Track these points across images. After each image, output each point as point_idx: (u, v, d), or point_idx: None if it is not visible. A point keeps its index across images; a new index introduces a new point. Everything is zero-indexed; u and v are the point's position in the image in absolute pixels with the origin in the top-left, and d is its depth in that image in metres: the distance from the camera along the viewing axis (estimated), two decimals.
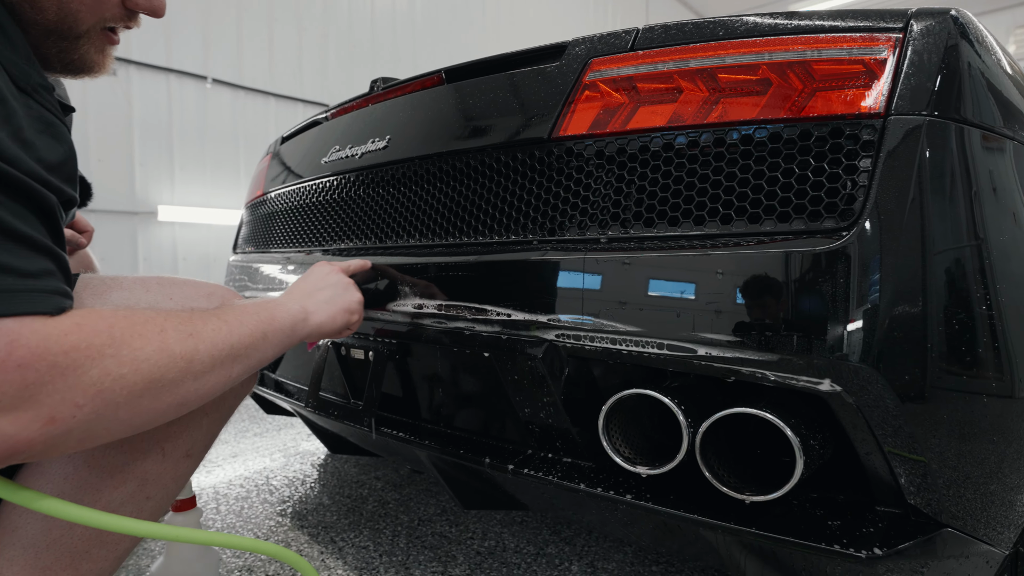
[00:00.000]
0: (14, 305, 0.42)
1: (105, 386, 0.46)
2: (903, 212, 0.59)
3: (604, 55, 0.79)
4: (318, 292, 0.78)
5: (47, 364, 0.42)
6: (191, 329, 0.55)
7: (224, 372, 0.58)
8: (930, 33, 0.63)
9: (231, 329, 0.59)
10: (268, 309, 0.67)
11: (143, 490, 0.68)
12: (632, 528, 0.83)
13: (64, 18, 0.59)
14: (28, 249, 0.45)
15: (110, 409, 0.47)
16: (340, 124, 1.24)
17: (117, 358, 0.47)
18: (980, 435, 0.63)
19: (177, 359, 0.52)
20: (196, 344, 0.54)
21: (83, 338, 0.45)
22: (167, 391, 0.51)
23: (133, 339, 0.48)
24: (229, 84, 4.28)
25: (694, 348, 0.64)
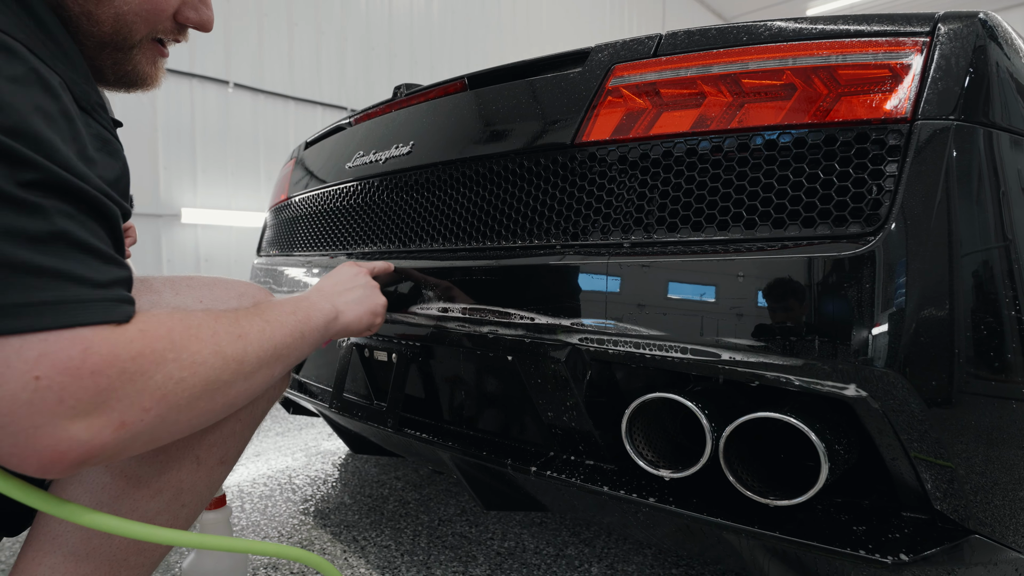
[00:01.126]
0: (89, 315, 0.44)
1: (169, 390, 0.47)
2: (930, 216, 0.59)
3: (627, 61, 0.79)
4: (347, 292, 0.79)
5: (117, 370, 0.44)
6: (240, 330, 0.56)
7: (269, 371, 0.59)
8: (958, 36, 0.63)
9: (274, 330, 0.61)
10: (303, 308, 0.68)
11: (179, 498, 0.69)
12: (653, 531, 0.83)
13: (119, 30, 0.61)
14: (99, 260, 0.47)
15: (173, 412, 0.48)
16: (364, 130, 1.26)
17: (178, 362, 0.48)
18: (1009, 441, 0.62)
19: (230, 361, 0.53)
20: (246, 346, 0.56)
21: (147, 344, 0.46)
22: (221, 392, 0.53)
23: (190, 343, 0.50)
24: (250, 88, 4.35)
25: (718, 352, 0.64)
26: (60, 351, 0.41)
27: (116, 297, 0.47)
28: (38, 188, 0.43)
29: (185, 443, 0.69)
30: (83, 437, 0.43)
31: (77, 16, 0.59)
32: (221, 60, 4.16)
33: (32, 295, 0.41)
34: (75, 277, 0.44)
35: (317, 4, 4.76)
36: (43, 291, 0.42)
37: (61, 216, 0.44)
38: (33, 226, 0.42)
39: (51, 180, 0.44)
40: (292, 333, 0.63)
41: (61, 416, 0.41)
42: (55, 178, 0.44)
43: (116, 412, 0.44)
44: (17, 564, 0.64)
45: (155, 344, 0.47)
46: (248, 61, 4.32)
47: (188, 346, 0.50)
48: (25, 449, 0.42)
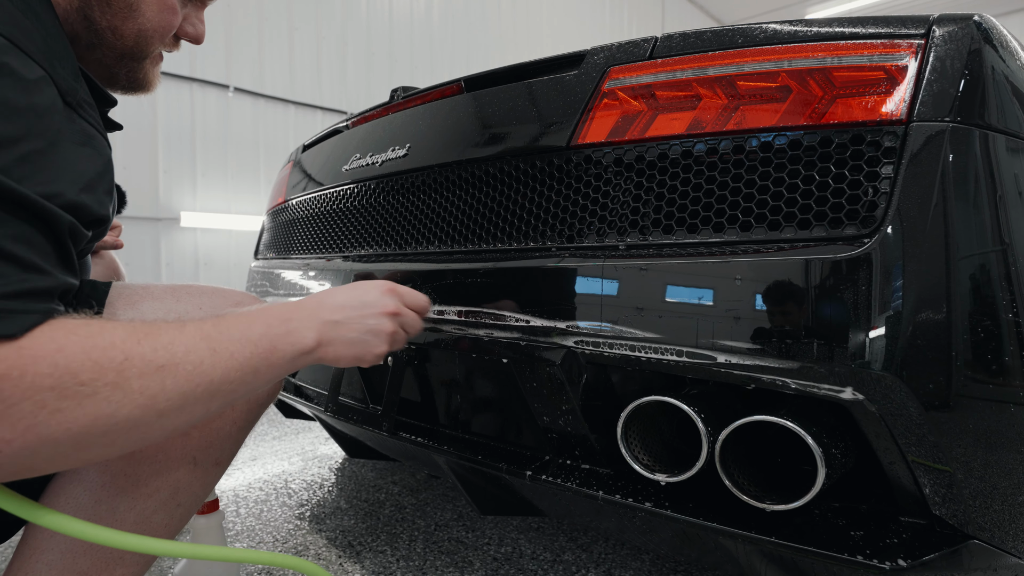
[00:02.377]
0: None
1: (39, 420, 0.41)
2: (926, 218, 0.58)
3: (623, 63, 0.79)
4: (346, 328, 0.67)
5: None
6: (164, 360, 0.49)
7: (199, 408, 0.52)
8: (953, 39, 0.63)
9: (216, 362, 0.52)
10: (271, 337, 0.58)
11: (175, 498, 0.69)
12: (650, 536, 0.82)
13: (139, 43, 0.67)
14: (13, 267, 0.44)
15: (47, 445, 0.42)
16: (361, 132, 1.25)
17: (56, 390, 0.42)
18: (1007, 445, 0.62)
19: (135, 395, 0.46)
20: (163, 380, 0.48)
21: (18, 365, 0.41)
22: (118, 430, 0.46)
23: (83, 370, 0.43)
24: (250, 92, 4.35)
25: (713, 355, 0.64)
26: None
27: (9, 308, 0.42)
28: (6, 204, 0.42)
29: (182, 445, 0.69)
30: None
31: (103, 29, 0.63)
32: (222, 64, 4.17)
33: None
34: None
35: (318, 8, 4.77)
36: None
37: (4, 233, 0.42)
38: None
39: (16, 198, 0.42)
40: (242, 367, 0.54)
41: None
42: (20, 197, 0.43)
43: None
44: (13, 562, 0.64)
45: (30, 367, 0.41)
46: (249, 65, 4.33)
47: (77, 373, 0.43)
48: None
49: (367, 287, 0.72)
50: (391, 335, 0.71)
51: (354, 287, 0.71)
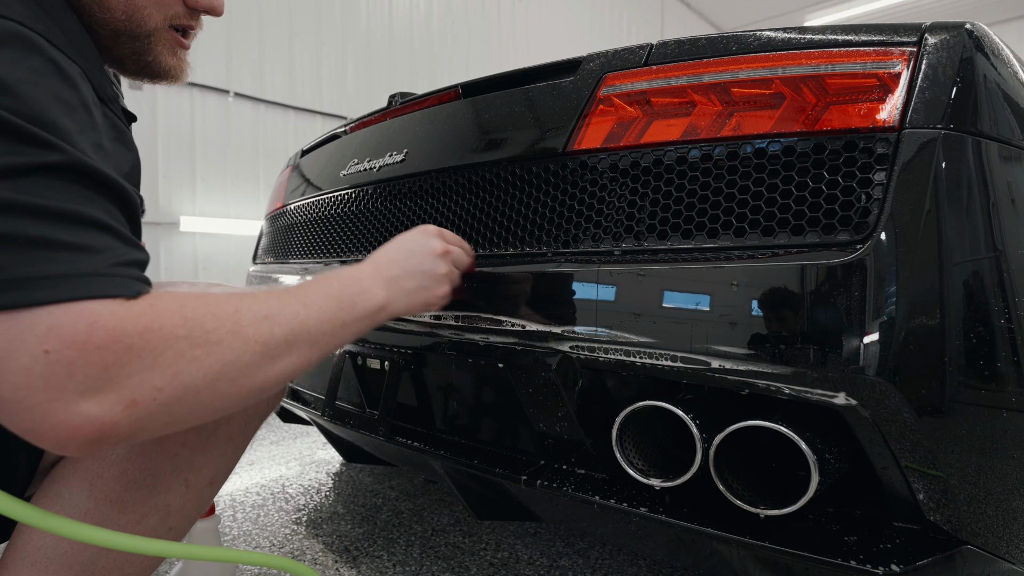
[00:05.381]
0: (97, 288, 0.43)
1: (180, 368, 0.45)
2: (918, 225, 0.59)
3: (618, 70, 0.80)
4: (407, 278, 0.70)
5: (124, 346, 0.42)
6: (267, 311, 0.52)
7: (301, 356, 0.55)
8: (945, 47, 0.63)
9: (309, 314, 0.56)
10: (350, 295, 0.63)
11: (165, 521, 0.67)
12: (646, 541, 0.82)
13: (132, 16, 0.62)
14: (115, 239, 0.46)
15: (190, 393, 0.46)
16: (359, 138, 1.26)
17: (191, 340, 0.46)
18: (1001, 450, 0.62)
19: (251, 342, 0.50)
20: (271, 328, 0.52)
21: (156, 319, 0.44)
22: (245, 375, 0.50)
23: (206, 320, 0.47)
24: (250, 98, 4.37)
25: (708, 360, 0.64)
26: (67, 325, 0.40)
27: (129, 275, 0.45)
28: (60, 170, 0.44)
29: (174, 466, 0.67)
30: (94, 414, 0.41)
31: (88, 4, 0.59)
32: (222, 69, 4.19)
33: (46, 268, 0.41)
34: (89, 252, 0.43)
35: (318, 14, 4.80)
36: (57, 264, 0.41)
37: (81, 197, 0.45)
38: (54, 205, 0.42)
39: (72, 163, 0.44)
40: (331, 320, 0.59)
41: (72, 392, 0.41)
42: (76, 162, 0.45)
43: (126, 390, 0.42)
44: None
45: (165, 320, 0.45)
46: (249, 70, 4.34)
47: (203, 323, 0.47)
48: (41, 425, 0.41)
49: (409, 236, 0.74)
50: (447, 275, 0.74)
51: (397, 240, 0.74)
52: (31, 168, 0.42)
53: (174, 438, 0.67)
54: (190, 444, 0.68)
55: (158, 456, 0.66)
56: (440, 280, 0.73)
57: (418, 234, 0.75)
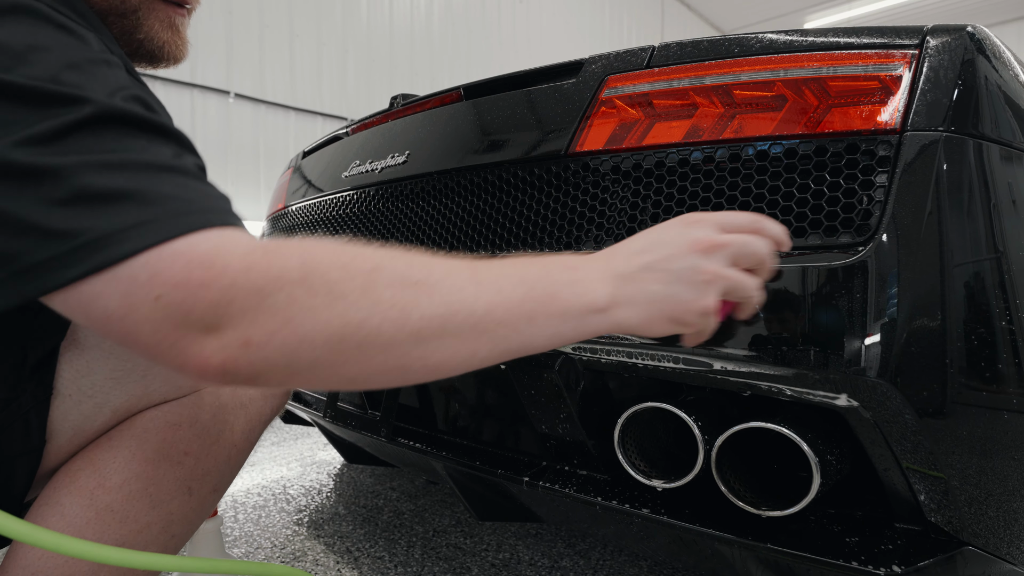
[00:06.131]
0: (183, 225, 0.40)
1: (294, 315, 0.40)
2: (920, 227, 0.59)
3: (620, 72, 0.80)
4: (647, 280, 0.50)
5: (227, 283, 0.40)
6: (419, 276, 0.43)
7: (462, 345, 0.44)
8: (946, 49, 0.64)
9: (480, 293, 0.45)
10: (551, 283, 0.48)
11: (168, 530, 0.65)
12: (648, 542, 0.83)
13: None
14: (184, 178, 0.45)
15: (307, 346, 0.41)
16: (360, 139, 1.26)
17: (306, 285, 0.40)
18: (1002, 452, 0.62)
19: (386, 307, 0.42)
20: (418, 295, 0.43)
21: (263, 259, 0.41)
22: (374, 345, 0.42)
23: (330, 270, 0.41)
24: (251, 99, 4.38)
25: (710, 362, 0.64)
26: (166, 268, 0.39)
27: (208, 208, 0.43)
28: (100, 121, 0.43)
29: (177, 474, 0.65)
30: (216, 350, 0.40)
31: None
32: (223, 71, 4.19)
33: (126, 219, 0.40)
34: (163, 196, 0.42)
35: (319, 15, 4.80)
36: (135, 212, 0.40)
37: (131, 142, 0.44)
38: (108, 156, 0.42)
39: (109, 112, 0.43)
40: (512, 308, 0.45)
41: (194, 329, 0.40)
42: (112, 109, 0.43)
43: (239, 328, 0.40)
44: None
45: (275, 261, 0.41)
46: (250, 71, 4.35)
47: (325, 273, 0.41)
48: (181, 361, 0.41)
49: (663, 225, 0.55)
50: (714, 278, 0.50)
51: (652, 228, 0.55)
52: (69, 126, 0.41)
53: (178, 446, 0.66)
54: (194, 452, 0.67)
55: (161, 465, 0.64)
56: (700, 288, 0.50)
57: (676, 222, 0.54)
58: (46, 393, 0.59)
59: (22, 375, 0.57)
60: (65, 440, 0.62)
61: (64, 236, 0.39)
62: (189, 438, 0.66)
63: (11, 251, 0.40)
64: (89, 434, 0.63)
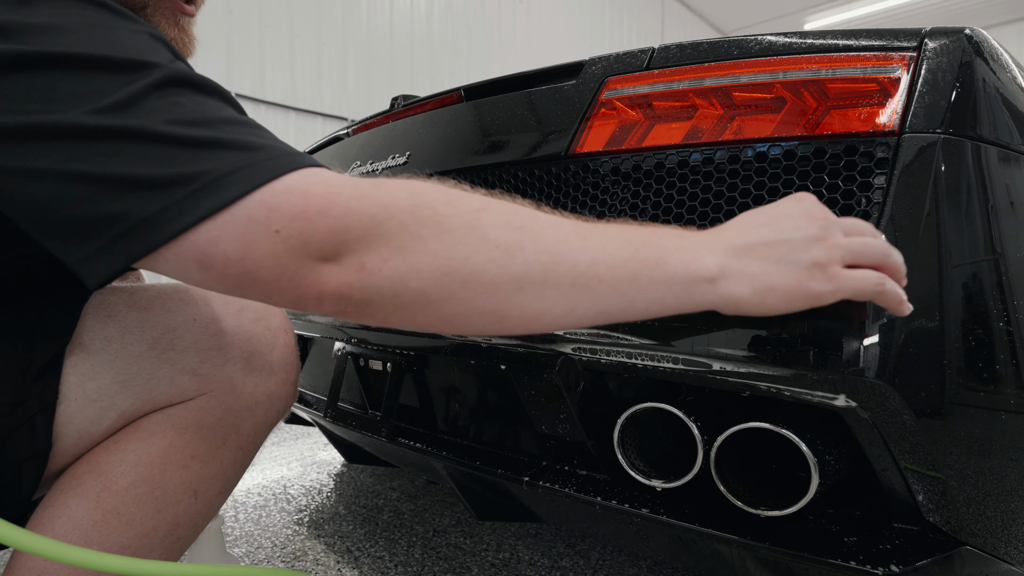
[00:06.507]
0: (291, 163, 0.43)
1: (405, 243, 0.42)
2: (918, 228, 0.59)
3: (620, 74, 0.80)
4: (762, 250, 0.49)
5: (342, 210, 0.41)
6: (524, 222, 0.44)
7: (561, 298, 0.44)
8: (944, 52, 0.64)
9: (585, 247, 0.45)
10: (658, 247, 0.47)
11: (174, 532, 0.65)
12: (647, 542, 0.83)
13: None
14: (261, 130, 0.47)
15: (414, 274, 0.42)
16: (361, 140, 1.27)
17: (415, 215, 0.42)
18: (1000, 452, 0.62)
19: (491, 246, 0.42)
20: (522, 239, 0.43)
21: (374, 189, 0.43)
22: (477, 283, 0.42)
23: (438, 203, 0.43)
24: (251, 99, 4.38)
25: (709, 363, 0.65)
26: (283, 202, 0.41)
27: (295, 152, 0.45)
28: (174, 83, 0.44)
29: (183, 478, 0.65)
30: (333, 275, 0.42)
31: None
32: (223, 71, 4.20)
33: (238, 162, 0.42)
34: (259, 144, 0.44)
35: (319, 15, 4.81)
36: (245, 155, 0.42)
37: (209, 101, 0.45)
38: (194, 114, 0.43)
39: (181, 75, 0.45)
40: (616, 267, 0.45)
41: (313, 257, 0.41)
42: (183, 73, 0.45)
43: (356, 253, 0.42)
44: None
45: (385, 191, 0.43)
46: (249, 72, 4.35)
47: (434, 205, 0.43)
48: (302, 290, 0.42)
49: (776, 202, 0.53)
50: (828, 249, 0.49)
51: (766, 206, 0.54)
52: (147, 89, 0.43)
53: (184, 450, 0.65)
54: (200, 456, 0.66)
55: (167, 469, 0.64)
56: (824, 256, 0.48)
57: (788, 199, 0.53)
58: (52, 397, 0.59)
59: (27, 379, 0.57)
60: (71, 444, 0.62)
61: (171, 186, 0.40)
62: (195, 442, 0.66)
63: (114, 213, 0.40)
64: (95, 437, 0.63)
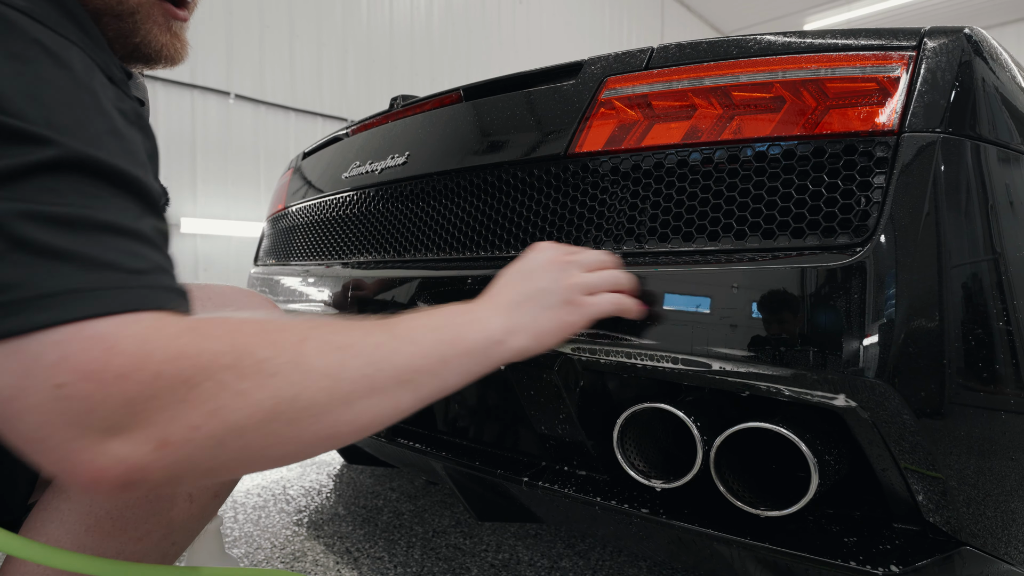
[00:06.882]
0: (111, 303, 0.36)
1: (223, 403, 0.37)
2: (918, 227, 0.59)
3: (619, 73, 0.80)
4: (529, 305, 0.59)
5: (150, 374, 0.35)
6: (343, 341, 0.44)
7: (387, 400, 0.46)
8: (943, 51, 0.64)
9: (398, 347, 0.47)
10: (455, 325, 0.53)
11: (168, 537, 0.64)
12: (647, 542, 0.83)
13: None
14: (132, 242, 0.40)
15: (234, 434, 0.38)
16: (360, 140, 1.27)
17: (236, 369, 0.38)
18: (999, 452, 0.62)
19: (318, 376, 0.41)
20: (344, 359, 0.43)
21: (192, 343, 0.37)
22: (306, 417, 0.41)
23: (259, 348, 0.40)
24: (251, 99, 4.38)
25: (708, 363, 0.65)
26: (80, 352, 0.34)
27: (153, 284, 0.39)
28: (59, 168, 0.38)
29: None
30: (121, 455, 0.35)
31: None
32: (223, 71, 4.20)
33: (51, 284, 0.35)
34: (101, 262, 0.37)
35: (319, 16, 4.81)
36: (62, 279, 0.35)
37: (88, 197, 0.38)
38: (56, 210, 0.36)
39: (73, 157, 0.38)
40: (428, 355, 0.49)
41: (94, 430, 0.35)
42: (77, 155, 0.38)
43: (156, 427, 0.36)
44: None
45: (205, 344, 0.38)
46: (250, 72, 4.35)
47: (254, 352, 0.39)
48: (68, 466, 0.36)
49: (523, 258, 0.65)
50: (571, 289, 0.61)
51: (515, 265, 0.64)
52: (23, 169, 0.36)
53: None
54: None
55: None
56: (570, 295, 0.61)
57: (532, 253, 0.65)
58: None
59: None
60: None
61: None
62: None
63: None
64: None
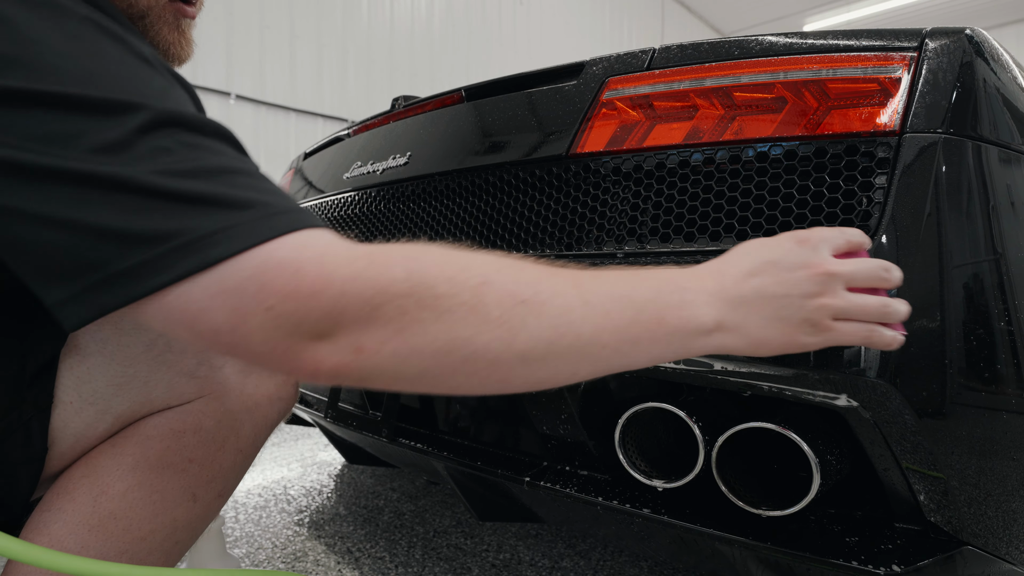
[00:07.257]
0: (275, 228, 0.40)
1: (404, 326, 0.40)
2: (919, 228, 0.59)
3: (621, 74, 0.80)
4: (758, 307, 0.50)
5: (336, 292, 0.39)
6: (528, 294, 0.43)
7: (563, 366, 0.44)
8: (945, 52, 0.64)
9: (588, 315, 0.44)
10: (660, 305, 0.47)
11: (172, 536, 0.64)
12: (648, 542, 0.83)
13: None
14: (254, 179, 0.43)
15: (416, 356, 0.41)
16: (362, 140, 1.27)
17: (414, 298, 0.40)
18: (1001, 452, 0.62)
19: (494, 325, 0.41)
20: (525, 316, 0.42)
21: (370, 267, 0.40)
22: (479, 360, 0.42)
23: (438, 283, 0.41)
24: (251, 100, 4.38)
25: (710, 362, 0.65)
26: (275, 279, 0.39)
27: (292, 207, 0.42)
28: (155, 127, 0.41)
29: (182, 481, 0.64)
30: (329, 354, 0.40)
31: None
32: (223, 72, 4.20)
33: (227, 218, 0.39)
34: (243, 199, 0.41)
35: (319, 17, 4.81)
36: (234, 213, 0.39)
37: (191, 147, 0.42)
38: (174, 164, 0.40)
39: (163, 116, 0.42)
40: (618, 332, 0.45)
41: (306, 336, 0.39)
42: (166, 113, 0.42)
43: (352, 335, 0.40)
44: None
45: (382, 271, 0.40)
46: (250, 73, 4.35)
47: (433, 286, 0.41)
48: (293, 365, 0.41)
49: (775, 241, 0.53)
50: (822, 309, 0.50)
51: (755, 244, 0.53)
52: (130, 135, 0.40)
53: (182, 453, 0.64)
54: (198, 459, 0.66)
55: (165, 472, 0.63)
56: (818, 316, 0.50)
57: (788, 239, 0.53)
58: (47, 401, 0.58)
59: (22, 384, 0.57)
60: (67, 447, 0.61)
61: (150, 242, 0.38)
62: (194, 444, 0.65)
63: (90, 261, 0.38)
64: (91, 440, 0.62)
